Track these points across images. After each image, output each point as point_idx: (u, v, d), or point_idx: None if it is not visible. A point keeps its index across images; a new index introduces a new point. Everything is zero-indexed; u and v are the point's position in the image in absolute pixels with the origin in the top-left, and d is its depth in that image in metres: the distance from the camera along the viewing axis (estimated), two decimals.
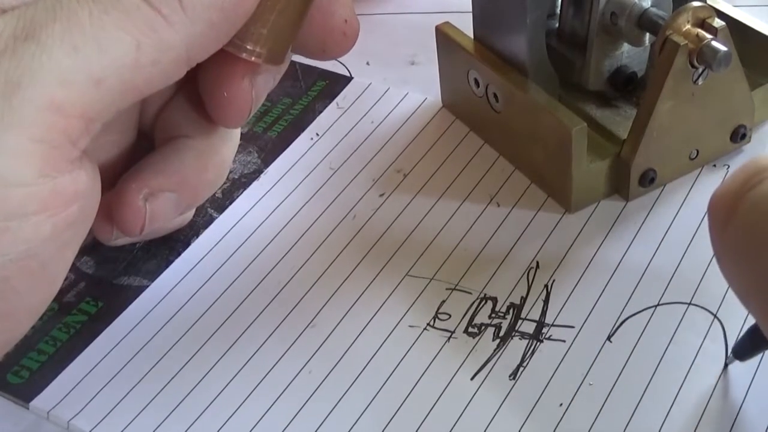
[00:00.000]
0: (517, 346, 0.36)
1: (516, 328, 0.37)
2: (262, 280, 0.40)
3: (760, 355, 0.35)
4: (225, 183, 0.42)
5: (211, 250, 0.41)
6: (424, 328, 0.37)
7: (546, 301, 0.38)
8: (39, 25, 0.28)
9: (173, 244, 0.41)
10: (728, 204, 0.25)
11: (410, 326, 0.38)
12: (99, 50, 0.28)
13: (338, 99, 0.49)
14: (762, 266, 0.24)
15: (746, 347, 0.34)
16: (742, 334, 0.34)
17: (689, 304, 0.37)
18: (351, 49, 0.35)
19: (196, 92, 0.35)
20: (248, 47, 0.32)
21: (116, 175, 0.36)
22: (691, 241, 0.40)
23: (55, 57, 0.28)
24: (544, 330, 0.37)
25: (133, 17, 0.28)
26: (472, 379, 0.36)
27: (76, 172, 0.29)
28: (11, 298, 0.29)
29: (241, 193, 0.44)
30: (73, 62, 0.28)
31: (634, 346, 0.36)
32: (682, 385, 0.34)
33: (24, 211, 0.28)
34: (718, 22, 0.39)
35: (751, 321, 0.36)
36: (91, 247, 0.40)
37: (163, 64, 0.29)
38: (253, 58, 0.32)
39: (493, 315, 0.38)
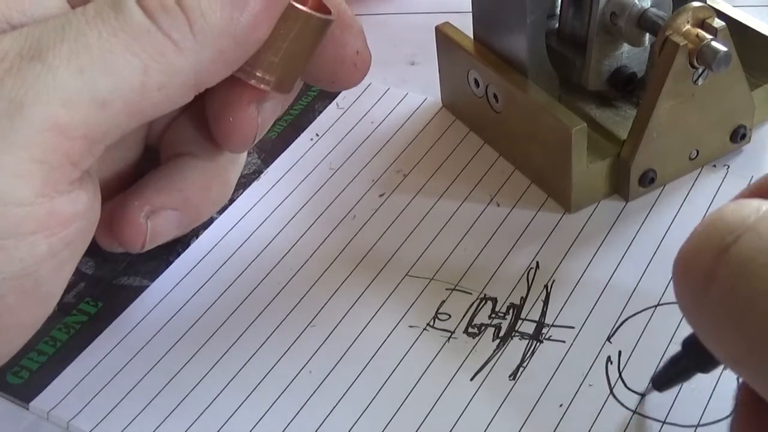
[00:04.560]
0: (517, 347, 0.36)
1: (516, 329, 0.37)
2: (262, 281, 0.40)
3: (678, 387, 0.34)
4: None
5: (210, 250, 0.41)
6: (424, 329, 0.37)
7: (546, 302, 0.38)
8: (46, 45, 0.28)
9: (173, 244, 0.41)
10: (706, 266, 0.23)
11: (410, 326, 0.38)
12: (105, 73, 0.28)
13: (338, 99, 0.49)
14: (760, 327, 0.23)
15: (666, 378, 0.33)
16: (662, 364, 0.33)
17: None
18: (361, 82, 0.34)
19: (203, 112, 0.35)
20: (257, 74, 0.31)
21: (121, 188, 0.36)
22: None
23: (60, 78, 0.27)
24: (544, 330, 0.37)
25: (142, 41, 0.28)
26: (472, 379, 0.36)
27: (75, 193, 0.29)
28: (5, 316, 0.29)
29: (241, 193, 0.44)
30: (79, 84, 0.27)
31: (634, 346, 0.36)
32: (682, 386, 0.34)
33: (21, 231, 0.28)
34: (718, 22, 0.39)
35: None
36: (91, 247, 0.40)
37: (170, 89, 0.29)
38: (262, 86, 0.32)
39: (493, 315, 0.38)
